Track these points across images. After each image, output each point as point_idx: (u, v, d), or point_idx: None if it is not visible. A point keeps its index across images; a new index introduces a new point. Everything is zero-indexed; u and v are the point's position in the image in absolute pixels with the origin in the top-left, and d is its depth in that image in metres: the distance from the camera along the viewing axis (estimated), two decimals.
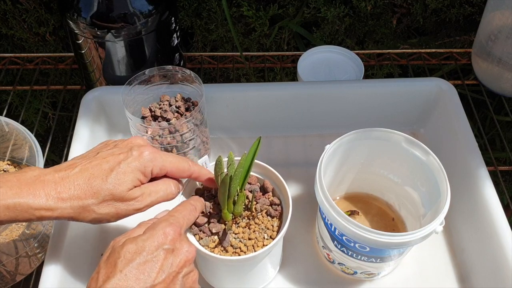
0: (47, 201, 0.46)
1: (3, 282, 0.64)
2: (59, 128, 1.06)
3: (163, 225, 0.46)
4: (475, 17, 0.94)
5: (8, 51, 0.97)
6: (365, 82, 0.77)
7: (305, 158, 0.75)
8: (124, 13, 0.68)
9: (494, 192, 0.61)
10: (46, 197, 0.46)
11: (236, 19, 0.94)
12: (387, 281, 0.62)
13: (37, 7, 0.91)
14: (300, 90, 0.74)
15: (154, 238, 0.44)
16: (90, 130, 0.69)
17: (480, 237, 0.61)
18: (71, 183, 0.47)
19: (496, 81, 0.83)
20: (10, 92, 0.86)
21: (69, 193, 0.47)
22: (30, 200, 0.45)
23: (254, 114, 0.75)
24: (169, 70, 0.65)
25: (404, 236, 0.51)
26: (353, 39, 0.97)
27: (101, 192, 0.47)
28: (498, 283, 0.57)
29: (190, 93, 0.66)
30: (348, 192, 0.68)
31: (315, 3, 0.90)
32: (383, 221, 0.66)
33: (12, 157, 0.69)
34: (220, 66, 0.92)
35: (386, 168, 0.63)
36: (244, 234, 0.54)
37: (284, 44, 0.97)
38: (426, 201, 0.59)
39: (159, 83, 0.66)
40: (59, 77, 0.98)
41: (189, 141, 0.64)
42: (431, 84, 0.75)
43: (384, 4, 0.92)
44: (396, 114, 0.76)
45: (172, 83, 0.66)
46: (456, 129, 0.70)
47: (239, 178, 0.52)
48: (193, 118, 0.62)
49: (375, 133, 0.60)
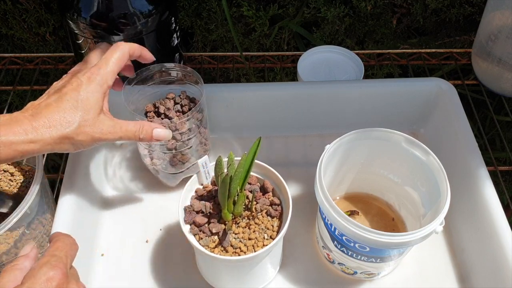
0: (27, 135, 0.48)
1: None
2: None
3: (44, 270, 0.41)
4: (475, 17, 0.94)
5: (8, 51, 0.97)
6: (365, 82, 0.77)
7: (305, 158, 0.75)
8: (124, 13, 0.68)
9: (494, 192, 0.61)
10: (25, 131, 0.48)
11: (236, 19, 0.94)
12: (387, 281, 0.62)
13: (37, 7, 0.91)
14: (300, 90, 0.74)
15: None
16: None
17: (480, 237, 0.61)
18: (44, 117, 0.49)
19: (496, 81, 0.83)
20: (10, 92, 0.86)
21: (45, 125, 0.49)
22: (10, 137, 0.47)
23: (254, 114, 0.75)
24: (171, 67, 0.65)
25: (404, 236, 0.51)
26: (353, 39, 0.97)
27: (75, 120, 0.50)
28: (498, 283, 0.57)
29: (192, 92, 0.66)
30: (348, 192, 0.68)
31: (315, 3, 0.90)
32: (383, 221, 0.66)
33: None
34: (220, 66, 0.92)
35: (386, 168, 0.63)
36: (244, 234, 0.54)
37: (284, 44, 0.97)
38: (426, 201, 0.59)
39: (160, 80, 0.66)
40: (59, 77, 0.97)
41: (187, 140, 0.64)
42: (431, 84, 0.75)
43: (384, 4, 0.92)
44: (396, 114, 0.76)
45: (173, 82, 0.66)
46: (456, 129, 0.70)
47: (239, 178, 0.52)
48: (193, 118, 0.62)
49: (375, 133, 0.60)
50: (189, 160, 0.66)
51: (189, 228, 0.54)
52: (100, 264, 0.64)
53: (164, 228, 0.67)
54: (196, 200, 0.56)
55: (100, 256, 0.64)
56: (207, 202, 0.55)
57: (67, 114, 0.50)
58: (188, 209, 0.55)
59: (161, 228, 0.67)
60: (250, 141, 0.56)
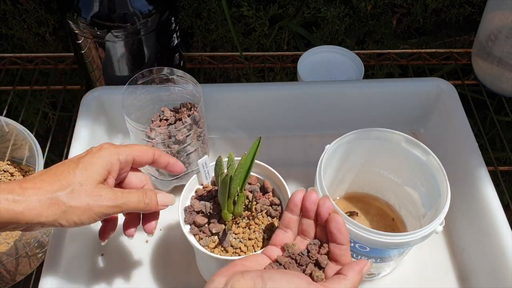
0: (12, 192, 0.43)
1: (3, 282, 0.64)
2: (59, 128, 1.06)
3: None
4: (475, 17, 0.94)
5: (8, 51, 0.97)
6: (365, 82, 0.77)
7: (305, 158, 0.75)
8: (124, 13, 0.68)
9: (494, 192, 0.61)
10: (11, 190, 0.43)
11: (236, 19, 0.94)
12: (387, 281, 0.62)
13: (37, 7, 0.91)
14: (300, 90, 0.74)
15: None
16: (90, 130, 0.69)
17: (480, 237, 0.61)
18: (36, 179, 0.45)
19: (496, 81, 0.83)
20: (10, 92, 0.86)
21: (35, 186, 0.44)
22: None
23: (254, 114, 0.75)
24: (167, 72, 0.65)
25: (404, 236, 0.51)
26: (353, 39, 0.97)
27: (70, 184, 0.45)
28: (498, 283, 0.57)
29: (189, 94, 0.66)
30: (348, 192, 0.68)
31: (315, 3, 0.90)
32: (383, 221, 0.66)
33: (12, 157, 0.69)
34: (220, 66, 0.92)
35: (386, 168, 0.63)
36: (244, 234, 0.54)
37: (284, 44, 0.97)
38: (426, 201, 0.59)
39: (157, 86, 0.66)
40: (59, 77, 0.98)
41: (186, 147, 0.64)
42: (431, 84, 0.75)
43: (384, 4, 0.92)
44: (396, 114, 0.76)
45: (169, 85, 0.66)
46: (456, 129, 0.70)
47: (239, 178, 0.52)
48: (190, 124, 0.62)
49: (375, 133, 0.60)
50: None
51: (189, 228, 0.54)
52: (100, 264, 0.64)
53: (164, 228, 0.67)
54: (196, 200, 0.56)
55: (100, 256, 0.64)
56: (207, 202, 0.55)
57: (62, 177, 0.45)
58: (188, 209, 0.55)
59: (161, 228, 0.67)
60: (250, 141, 0.56)
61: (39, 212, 0.43)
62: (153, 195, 0.51)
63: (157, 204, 0.51)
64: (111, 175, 0.49)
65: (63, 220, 0.45)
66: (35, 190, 0.44)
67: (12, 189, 0.43)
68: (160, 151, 0.53)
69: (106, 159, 0.48)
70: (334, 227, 0.43)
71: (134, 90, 0.64)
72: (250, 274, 0.39)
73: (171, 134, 0.61)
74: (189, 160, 0.67)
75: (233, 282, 0.38)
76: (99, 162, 0.47)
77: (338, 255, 0.44)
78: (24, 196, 0.43)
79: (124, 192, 0.48)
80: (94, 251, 0.64)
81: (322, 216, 0.45)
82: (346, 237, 0.44)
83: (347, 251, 0.44)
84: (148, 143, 0.63)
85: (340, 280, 0.41)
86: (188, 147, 0.65)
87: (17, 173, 0.68)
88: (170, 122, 0.65)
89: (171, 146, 0.63)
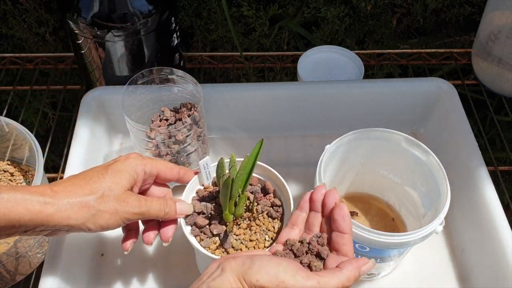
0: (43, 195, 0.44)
1: (3, 282, 0.64)
2: (59, 128, 1.06)
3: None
4: (475, 17, 0.94)
5: (8, 51, 0.96)
6: (365, 82, 0.77)
7: (305, 158, 0.75)
8: (124, 13, 0.68)
9: (494, 192, 0.61)
10: (42, 193, 0.44)
11: (236, 19, 0.94)
12: (387, 281, 0.62)
13: (37, 7, 0.91)
14: (300, 90, 0.74)
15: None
16: (90, 130, 0.69)
17: (480, 237, 0.61)
18: (66, 183, 0.46)
19: (496, 81, 0.83)
20: (10, 92, 0.86)
21: (65, 190, 0.45)
22: (26, 195, 0.43)
23: (254, 114, 0.75)
24: (167, 72, 0.65)
25: (404, 236, 0.51)
26: (353, 39, 0.97)
27: (100, 189, 0.46)
28: (498, 283, 0.57)
29: (189, 94, 0.66)
30: (348, 192, 0.68)
31: (315, 3, 0.90)
32: (383, 221, 0.66)
33: (12, 157, 0.69)
34: (220, 66, 0.92)
35: (386, 168, 0.63)
36: (245, 235, 0.54)
37: (284, 44, 0.97)
38: (426, 201, 0.59)
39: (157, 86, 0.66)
40: (59, 77, 0.98)
41: (186, 147, 0.64)
42: (431, 84, 0.75)
43: (384, 4, 0.92)
44: (396, 114, 0.76)
45: (170, 85, 0.66)
46: (456, 129, 0.70)
47: (241, 180, 0.52)
48: (190, 124, 0.62)
49: (375, 133, 0.60)
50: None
51: (190, 230, 0.54)
52: (100, 264, 0.64)
53: None
54: (197, 201, 0.56)
55: (100, 256, 0.64)
56: (208, 203, 0.55)
57: (92, 182, 0.47)
58: None
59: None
60: (250, 141, 0.56)
61: (68, 214, 0.45)
62: (172, 203, 0.52)
63: (176, 213, 0.52)
64: (135, 184, 0.50)
65: (90, 223, 0.46)
66: (66, 193, 0.45)
67: (43, 191, 0.44)
68: (185, 169, 0.55)
69: (133, 168, 0.50)
70: (338, 213, 0.45)
71: (134, 90, 0.64)
72: (241, 257, 0.41)
73: (171, 134, 0.61)
74: (189, 160, 0.67)
75: (224, 264, 0.41)
76: (127, 170, 0.49)
77: (340, 244, 0.44)
78: (55, 199, 0.44)
79: (148, 199, 0.50)
80: (94, 251, 0.64)
81: (328, 206, 0.46)
82: (349, 226, 0.45)
83: (349, 241, 0.45)
84: (148, 143, 0.63)
85: (334, 272, 0.42)
86: (188, 147, 0.65)
87: (17, 173, 0.68)
88: (170, 122, 0.65)
89: (171, 146, 0.63)
